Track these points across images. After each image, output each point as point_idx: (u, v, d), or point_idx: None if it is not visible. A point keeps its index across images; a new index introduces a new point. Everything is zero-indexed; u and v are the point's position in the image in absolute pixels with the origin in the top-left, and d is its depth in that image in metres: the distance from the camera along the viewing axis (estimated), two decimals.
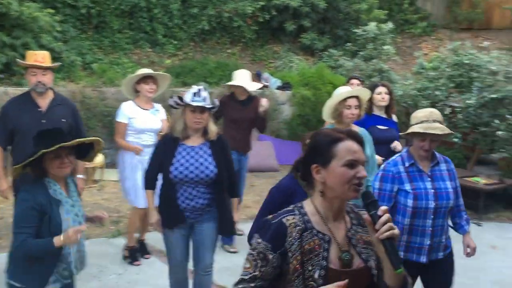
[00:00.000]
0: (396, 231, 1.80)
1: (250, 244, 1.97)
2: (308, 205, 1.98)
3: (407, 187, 3.26)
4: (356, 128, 4.22)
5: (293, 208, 1.97)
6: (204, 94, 3.64)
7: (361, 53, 10.36)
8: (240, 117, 5.54)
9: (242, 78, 5.60)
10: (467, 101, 7.18)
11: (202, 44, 10.89)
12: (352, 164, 1.88)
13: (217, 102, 3.77)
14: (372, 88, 5.22)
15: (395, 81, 9.29)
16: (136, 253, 5.18)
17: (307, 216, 1.94)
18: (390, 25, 10.64)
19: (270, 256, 1.87)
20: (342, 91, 4.35)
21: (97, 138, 3.04)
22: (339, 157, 1.88)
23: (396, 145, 4.92)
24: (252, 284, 1.87)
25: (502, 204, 7.36)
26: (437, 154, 3.39)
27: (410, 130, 3.28)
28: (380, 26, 10.51)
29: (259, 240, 1.91)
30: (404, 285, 1.89)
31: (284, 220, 1.91)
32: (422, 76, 8.34)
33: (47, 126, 4.09)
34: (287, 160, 8.73)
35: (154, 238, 5.33)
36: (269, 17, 10.73)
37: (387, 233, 1.79)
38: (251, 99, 5.67)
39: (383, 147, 4.80)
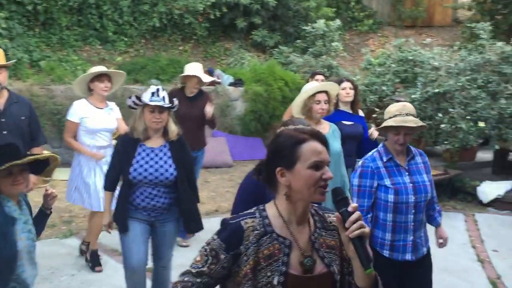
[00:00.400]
0: (367, 229, 1.75)
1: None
2: (270, 208, 1.92)
3: (387, 182, 3.23)
4: (326, 124, 4.30)
5: (255, 211, 1.92)
6: (163, 93, 3.65)
7: (310, 49, 10.56)
8: (186, 113, 5.39)
9: (195, 69, 5.58)
10: (412, 96, 7.41)
11: (154, 41, 10.82)
12: (317, 166, 1.82)
13: (176, 101, 3.76)
14: (337, 83, 5.15)
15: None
16: (97, 257, 5.04)
17: (268, 220, 1.88)
18: (338, 22, 10.89)
19: (222, 256, 1.83)
20: (310, 86, 4.36)
21: (53, 154, 2.94)
22: (304, 159, 1.82)
23: (373, 131, 4.92)
24: (198, 280, 1.85)
25: (447, 194, 7.69)
26: (412, 148, 3.39)
27: (384, 124, 3.28)
28: (328, 23, 10.74)
29: (215, 237, 1.87)
30: (375, 285, 1.85)
31: (242, 222, 1.86)
32: (370, 72, 8.57)
33: (7, 125, 4.02)
34: (241, 156, 8.83)
35: (107, 237, 5.31)
36: (220, 14, 10.76)
37: (357, 231, 1.73)
38: (200, 95, 5.64)
39: (350, 142, 4.83)
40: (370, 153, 3.39)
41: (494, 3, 12.39)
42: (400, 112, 3.23)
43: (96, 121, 4.77)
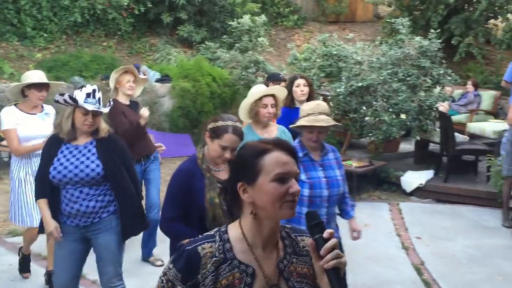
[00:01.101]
0: (344, 259, 1.56)
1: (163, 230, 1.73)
2: (233, 230, 1.70)
3: (303, 176, 3.31)
4: (274, 127, 4.27)
5: (215, 233, 1.70)
6: (98, 95, 3.40)
7: (237, 45, 10.54)
8: (135, 120, 4.89)
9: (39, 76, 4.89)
10: (338, 90, 7.55)
11: (75, 36, 10.43)
12: (282, 178, 1.63)
13: (111, 103, 3.62)
14: (291, 80, 5.16)
15: (269, 72, 9.59)
16: (28, 262, 4.80)
17: (229, 244, 1.67)
18: (263, 18, 10.93)
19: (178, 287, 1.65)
20: (257, 90, 4.34)
21: None
22: (267, 171, 1.63)
23: None
24: None
25: (373, 184, 7.92)
26: (325, 144, 3.52)
27: (298, 123, 3.39)
28: (254, 19, 10.76)
29: (171, 266, 1.67)
30: None
31: (199, 248, 1.65)
32: (296, 67, 8.66)
33: None
34: (169, 153, 8.65)
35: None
36: (144, 9, 10.53)
37: (333, 261, 1.54)
38: (135, 104, 5.19)
39: None
40: None
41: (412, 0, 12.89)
42: (313, 111, 3.34)
43: (28, 128, 4.42)
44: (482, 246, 5.91)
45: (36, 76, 4.52)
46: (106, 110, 3.51)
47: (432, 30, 8.16)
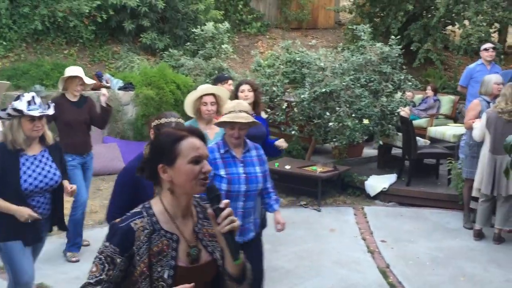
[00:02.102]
0: (236, 224, 1.92)
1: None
2: (156, 205, 2.02)
3: (222, 172, 3.53)
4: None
5: (141, 210, 2.00)
6: (38, 100, 3.60)
7: (200, 52, 10.53)
8: (74, 119, 5.39)
9: (76, 71, 5.44)
10: (302, 96, 7.62)
11: (36, 44, 10.21)
12: (197, 161, 1.96)
13: (52, 105, 3.73)
14: (237, 86, 5.32)
15: (234, 79, 9.60)
16: None
17: (155, 217, 1.98)
18: (226, 25, 10.95)
19: (118, 260, 1.91)
20: (199, 88, 4.62)
21: None
22: (184, 155, 1.95)
23: (281, 143, 5.05)
24: (99, 287, 1.90)
25: (337, 189, 8.01)
26: (249, 142, 3.72)
27: (220, 119, 3.62)
28: (217, 26, 10.77)
29: (107, 244, 1.93)
30: (244, 271, 2.03)
31: (132, 224, 1.94)
32: (260, 74, 8.68)
33: None
34: None
35: None
36: (106, 17, 10.40)
37: (228, 226, 1.91)
38: (84, 100, 5.57)
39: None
40: (209, 145, 3.60)
41: (372, 6, 13.12)
42: (235, 109, 3.57)
43: None
44: (445, 247, 6.05)
45: None
46: (51, 112, 3.69)
47: (392, 37, 8.33)
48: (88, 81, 5.56)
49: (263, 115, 5.61)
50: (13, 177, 3.56)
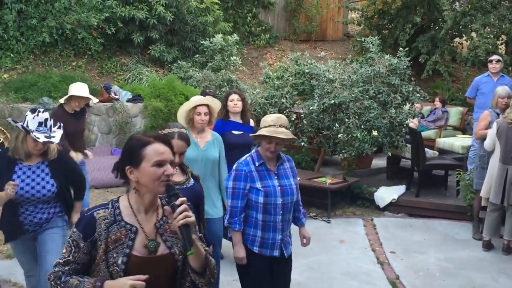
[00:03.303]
0: (191, 218, 2.12)
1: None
2: (123, 200, 2.25)
3: (258, 185, 3.52)
4: (208, 133, 4.60)
5: (109, 202, 2.25)
6: (50, 123, 3.69)
7: (209, 64, 10.57)
8: (74, 130, 5.63)
9: (83, 90, 5.66)
10: (311, 107, 7.63)
11: (44, 56, 10.28)
12: (160, 164, 2.16)
13: (60, 132, 3.81)
14: (226, 96, 5.59)
15: (243, 90, 9.62)
16: None
17: (119, 210, 2.22)
18: (235, 37, 11.00)
19: (82, 244, 2.17)
20: (192, 99, 4.75)
21: None
22: (148, 159, 2.16)
23: None
24: (67, 268, 2.18)
25: (347, 200, 7.98)
26: (281, 154, 3.69)
27: (258, 132, 3.56)
28: (226, 38, 10.82)
29: (74, 230, 2.20)
30: (206, 265, 2.23)
31: (95, 213, 2.20)
32: (269, 85, 8.72)
33: None
34: None
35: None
36: (115, 29, 10.47)
37: (182, 220, 2.10)
38: (81, 112, 5.85)
39: (240, 151, 5.03)
40: (243, 158, 3.67)
41: (380, 19, 13.15)
42: (275, 123, 3.53)
43: None
44: (454, 258, 6.01)
45: None
46: (56, 140, 3.76)
47: (400, 49, 8.34)
48: (94, 100, 5.92)
49: (251, 123, 5.73)
50: (4, 183, 3.65)
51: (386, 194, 7.80)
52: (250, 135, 3.89)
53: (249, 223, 3.60)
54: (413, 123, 8.89)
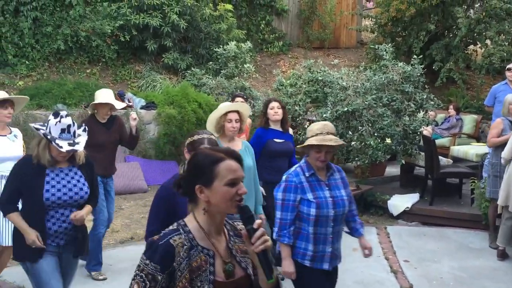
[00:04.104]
0: (269, 243, 1.96)
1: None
2: (190, 222, 2.05)
3: (310, 196, 3.40)
4: (238, 142, 4.50)
5: (177, 227, 2.03)
6: (74, 128, 3.52)
7: (223, 71, 10.60)
8: (105, 141, 5.32)
9: (108, 96, 5.39)
10: (324, 115, 7.61)
11: (58, 64, 10.38)
12: (233, 183, 1.98)
13: (84, 139, 3.63)
14: (266, 104, 5.45)
15: (256, 98, 9.64)
16: None
17: (192, 234, 2.01)
18: (249, 44, 11.04)
19: (159, 277, 1.92)
20: (223, 106, 4.60)
21: None
22: (221, 177, 1.98)
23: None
24: None
25: (360, 208, 7.91)
26: (331, 164, 3.58)
27: (307, 142, 3.45)
28: (240, 45, 10.86)
29: (147, 262, 1.95)
30: (278, 287, 2.06)
31: (171, 241, 1.97)
32: (282, 93, 8.72)
33: None
34: (156, 180, 8.63)
35: (12, 274, 4.99)
36: (129, 36, 10.56)
37: (261, 246, 1.94)
38: (113, 121, 5.50)
39: (281, 159, 4.99)
40: (293, 168, 3.55)
41: (394, 26, 13.11)
42: (322, 131, 3.41)
43: None
44: (468, 267, 5.95)
45: None
46: (80, 148, 3.56)
47: (414, 56, 8.31)
48: (119, 105, 5.54)
49: (290, 131, 5.66)
50: (37, 188, 3.48)
51: (399, 202, 7.75)
52: (298, 146, 3.77)
53: (300, 236, 3.48)
54: (427, 130, 8.84)
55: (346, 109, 7.50)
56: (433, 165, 7.67)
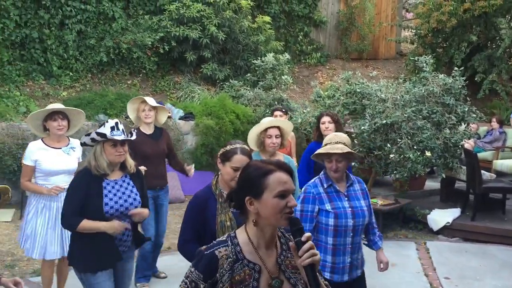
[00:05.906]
0: (317, 257, 1.94)
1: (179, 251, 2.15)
2: (241, 234, 2.06)
3: (328, 207, 3.42)
4: (280, 156, 4.48)
5: (226, 238, 2.05)
6: (121, 126, 3.66)
7: (261, 83, 10.63)
8: (152, 152, 5.25)
9: (139, 98, 5.44)
10: (362, 127, 7.52)
11: (100, 75, 10.64)
12: (283, 195, 1.97)
13: (134, 132, 3.79)
14: (318, 118, 5.45)
15: (294, 109, 9.61)
16: None
17: (239, 247, 2.02)
18: (287, 56, 11.04)
19: (201, 286, 1.98)
20: (263, 121, 4.55)
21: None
22: (271, 189, 1.97)
23: None
24: None
25: (398, 222, 7.79)
26: (351, 175, 3.59)
27: (315, 152, 3.53)
28: (278, 57, 10.87)
29: (192, 269, 2.01)
30: None
31: (216, 252, 2.00)
32: (319, 104, 8.67)
33: None
34: (193, 191, 8.58)
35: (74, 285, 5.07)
36: (169, 48, 10.72)
37: (308, 260, 1.92)
38: (160, 132, 5.47)
39: None
40: (312, 180, 3.58)
41: (434, 37, 12.91)
42: (331, 141, 3.48)
43: (51, 163, 4.46)
44: None
45: (50, 107, 4.62)
46: (133, 137, 3.73)
47: (455, 68, 8.14)
48: (152, 102, 5.35)
49: None
50: (97, 200, 3.57)
51: (440, 217, 7.57)
52: (311, 156, 3.76)
53: (319, 248, 3.45)
54: (468, 144, 8.63)
55: (384, 121, 7.39)
56: (475, 179, 7.46)
